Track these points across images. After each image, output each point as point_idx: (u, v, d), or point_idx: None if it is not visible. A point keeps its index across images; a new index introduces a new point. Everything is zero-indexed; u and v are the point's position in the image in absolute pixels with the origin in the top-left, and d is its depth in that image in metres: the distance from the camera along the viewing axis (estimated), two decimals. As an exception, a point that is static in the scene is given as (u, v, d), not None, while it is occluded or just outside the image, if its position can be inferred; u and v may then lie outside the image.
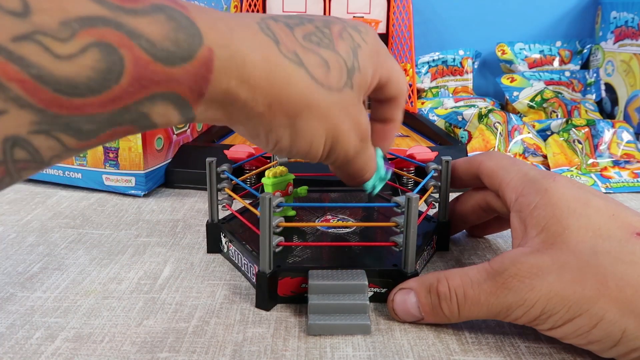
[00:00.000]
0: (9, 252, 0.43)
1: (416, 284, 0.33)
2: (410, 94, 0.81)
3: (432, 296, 0.32)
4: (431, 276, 0.33)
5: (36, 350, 0.30)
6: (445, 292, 0.31)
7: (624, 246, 0.28)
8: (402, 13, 0.81)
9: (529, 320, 0.29)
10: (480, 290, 0.30)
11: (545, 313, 0.28)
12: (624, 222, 0.29)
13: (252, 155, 0.52)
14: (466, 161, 0.40)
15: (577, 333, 0.28)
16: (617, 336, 0.27)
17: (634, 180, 0.60)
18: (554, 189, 0.31)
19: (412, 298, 0.33)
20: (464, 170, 0.40)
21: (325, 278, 0.33)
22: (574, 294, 0.27)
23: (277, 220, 0.33)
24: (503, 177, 0.36)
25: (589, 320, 0.27)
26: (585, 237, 0.29)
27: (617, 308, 0.27)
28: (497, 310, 0.30)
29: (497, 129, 0.65)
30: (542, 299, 0.28)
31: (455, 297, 0.31)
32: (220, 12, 0.25)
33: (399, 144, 0.67)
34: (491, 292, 0.30)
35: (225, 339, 0.32)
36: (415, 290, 0.33)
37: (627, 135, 0.65)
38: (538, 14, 0.96)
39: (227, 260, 0.42)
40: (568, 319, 0.28)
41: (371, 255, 0.38)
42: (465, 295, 0.31)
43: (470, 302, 0.31)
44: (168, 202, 0.55)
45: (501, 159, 0.37)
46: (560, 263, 0.28)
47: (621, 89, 0.82)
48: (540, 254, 0.29)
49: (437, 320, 0.33)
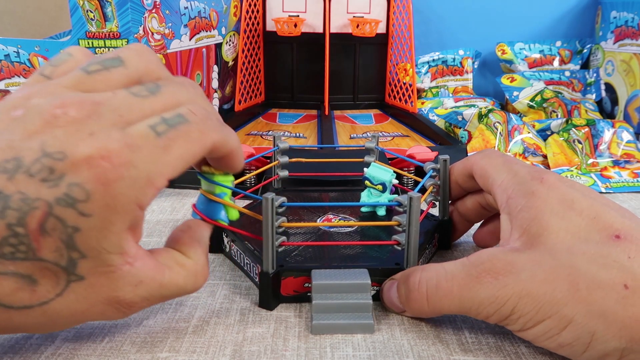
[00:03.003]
0: (9, 252, 0.43)
1: (399, 275, 0.34)
2: (411, 94, 0.81)
3: (404, 286, 0.33)
4: (410, 269, 0.33)
5: (36, 350, 0.30)
6: (415, 282, 0.32)
7: (600, 249, 0.28)
8: (402, 13, 0.81)
9: (500, 318, 0.29)
10: (454, 281, 0.30)
11: (515, 313, 0.28)
12: (606, 224, 0.29)
13: (252, 156, 0.52)
14: (461, 162, 0.41)
15: (547, 335, 0.28)
16: (587, 339, 0.27)
17: (634, 180, 0.60)
18: (540, 192, 0.31)
19: (394, 288, 0.34)
20: (459, 172, 0.40)
21: (329, 277, 0.33)
22: (544, 295, 0.27)
23: (280, 220, 0.33)
24: (495, 177, 0.35)
25: (558, 323, 0.27)
26: (564, 238, 0.29)
27: (586, 310, 0.27)
28: (469, 306, 0.30)
29: (497, 128, 0.65)
30: (513, 298, 0.28)
31: (425, 288, 0.31)
32: None
33: (399, 144, 0.67)
34: (464, 285, 0.30)
35: (225, 339, 0.32)
36: (397, 280, 0.34)
37: (627, 135, 0.65)
38: (538, 13, 0.96)
39: (227, 260, 0.42)
40: (538, 320, 0.28)
41: (373, 254, 0.38)
42: (437, 286, 0.31)
43: (442, 293, 0.30)
44: (168, 202, 0.55)
45: (494, 157, 0.37)
46: (535, 262, 0.28)
47: (621, 89, 0.82)
48: (517, 253, 0.29)
49: (412, 312, 0.33)
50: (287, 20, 0.80)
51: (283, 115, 0.83)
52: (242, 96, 0.82)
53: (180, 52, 0.61)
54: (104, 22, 0.51)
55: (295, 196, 0.49)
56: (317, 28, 0.84)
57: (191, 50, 0.64)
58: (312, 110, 0.86)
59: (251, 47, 0.83)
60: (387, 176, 0.42)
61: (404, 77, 0.82)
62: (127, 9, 0.51)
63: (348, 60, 0.86)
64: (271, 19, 0.84)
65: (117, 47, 0.52)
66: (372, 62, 0.87)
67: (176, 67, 0.60)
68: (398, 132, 0.73)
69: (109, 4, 0.51)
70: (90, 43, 0.52)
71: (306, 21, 0.83)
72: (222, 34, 0.74)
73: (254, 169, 0.52)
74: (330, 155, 0.59)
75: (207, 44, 0.69)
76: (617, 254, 0.27)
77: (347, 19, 0.83)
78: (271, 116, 0.82)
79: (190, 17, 0.63)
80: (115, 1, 0.50)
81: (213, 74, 0.72)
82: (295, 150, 0.58)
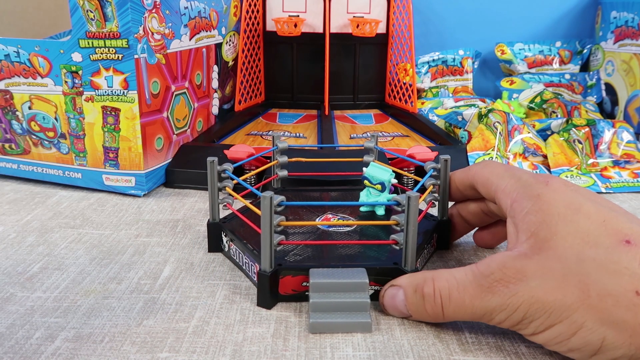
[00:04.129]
0: (9, 252, 0.43)
1: (405, 281, 0.34)
2: (411, 94, 0.81)
3: (417, 296, 0.32)
4: (420, 275, 0.33)
5: (36, 350, 0.30)
6: (430, 293, 0.32)
7: (609, 254, 0.28)
8: (402, 13, 0.81)
9: (512, 324, 0.29)
10: (465, 292, 0.30)
11: (527, 318, 0.29)
12: (614, 229, 0.29)
13: (252, 155, 0.52)
14: (462, 172, 0.41)
15: (557, 340, 0.28)
16: (597, 345, 0.27)
17: (634, 180, 0.60)
18: (546, 194, 0.31)
19: (401, 295, 0.33)
20: (460, 181, 0.41)
21: (326, 276, 0.33)
22: (555, 301, 0.28)
23: (278, 219, 0.33)
24: (498, 184, 0.35)
25: (569, 328, 0.27)
26: (573, 243, 0.29)
27: (596, 317, 0.27)
28: (481, 313, 0.30)
29: (497, 128, 0.65)
30: (524, 304, 0.28)
31: (439, 299, 0.31)
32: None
33: (399, 144, 0.67)
34: (476, 295, 0.30)
35: (225, 339, 0.32)
36: (403, 287, 0.33)
37: (627, 135, 0.65)
38: (538, 14, 0.96)
39: (226, 260, 0.42)
40: (548, 325, 0.28)
41: (372, 253, 0.38)
42: (450, 297, 0.31)
43: (454, 304, 0.31)
44: (168, 202, 0.55)
45: (495, 166, 0.37)
46: (545, 269, 0.28)
47: (621, 89, 0.82)
48: (526, 259, 0.29)
49: (422, 319, 0.33)
50: (287, 20, 0.80)
51: (283, 115, 0.83)
52: (242, 96, 0.82)
53: (180, 52, 0.61)
54: (104, 22, 0.51)
55: (295, 196, 0.49)
56: (317, 28, 0.84)
57: (191, 50, 0.64)
58: (312, 110, 0.86)
59: (251, 47, 0.83)
60: (386, 176, 0.42)
61: (404, 77, 0.82)
62: (127, 9, 0.51)
63: (348, 60, 0.86)
64: (271, 19, 0.84)
65: (117, 47, 0.52)
66: (372, 62, 0.87)
67: (176, 67, 0.60)
68: (398, 132, 0.73)
69: (109, 4, 0.51)
70: (90, 43, 0.52)
71: (306, 21, 0.83)
72: (222, 34, 0.74)
73: (254, 169, 0.52)
74: (330, 155, 0.59)
75: (207, 44, 0.69)
76: (628, 260, 0.27)
77: (347, 19, 0.83)
78: (271, 116, 0.82)
79: (190, 17, 0.63)
80: (115, 1, 0.50)
81: (213, 74, 0.72)
82: (295, 150, 0.58)
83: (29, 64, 0.55)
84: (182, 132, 0.64)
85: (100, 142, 0.55)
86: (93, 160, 0.56)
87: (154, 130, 0.57)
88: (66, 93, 0.55)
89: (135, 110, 0.53)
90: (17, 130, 0.58)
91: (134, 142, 0.54)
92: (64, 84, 0.54)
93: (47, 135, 0.57)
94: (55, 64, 0.54)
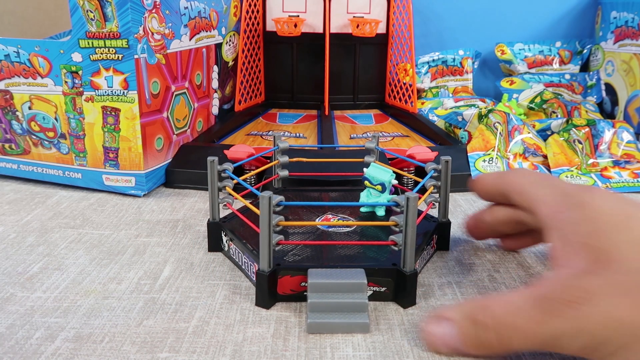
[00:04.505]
0: (9, 252, 0.43)
1: (455, 313, 0.30)
2: (411, 94, 0.81)
3: (476, 328, 0.29)
4: (470, 305, 0.30)
5: (36, 351, 0.30)
6: (488, 323, 0.28)
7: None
8: (402, 13, 0.81)
9: (579, 348, 0.26)
10: (529, 318, 0.27)
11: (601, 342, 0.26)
12: None
13: (252, 155, 0.52)
14: (494, 177, 0.39)
15: None
16: None
17: (634, 180, 0.60)
18: (591, 202, 0.29)
19: (451, 329, 0.30)
20: (492, 185, 0.39)
21: (325, 276, 0.33)
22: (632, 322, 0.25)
23: (277, 219, 0.33)
24: (535, 193, 0.34)
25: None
26: (635, 253, 0.27)
27: None
28: (545, 340, 0.27)
29: (497, 129, 0.65)
30: (598, 327, 0.26)
31: (503, 328, 0.28)
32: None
33: (399, 144, 0.67)
34: (541, 321, 0.27)
35: (225, 339, 0.32)
36: (454, 320, 0.30)
37: (627, 135, 0.65)
38: (538, 14, 0.96)
39: (226, 260, 0.42)
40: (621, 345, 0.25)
41: (371, 254, 0.38)
42: (515, 326, 0.28)
43: (520, 333, 0.27)
44: (168, 202, 0.55)
45: (531, 174, 0.36)
46: (613, 286, 0.26)
47: (621, 89, 0.82)
48: (590, 276, 0.27)
49: (480, 353, 0.29)
50: (287, 21, 0.80)
51: (283, 115, 0.83)
52: (242, 96, 0.82)
53: (180, 52, 0.61)
54: (104, 22, 0.51)
55: (295, 196, 0.49)
56: (317, 28, 0.84)
57: (191, 50, 0.64)
58: (312, 110, 0.86)
59: (251, 47, 0.83)
60: (386, 176, 0.42)
61: (404, 77, 0.82)
62: (127, 9, 0.51)
63: (348, 60, 0.86)
64: (271, 19, 0.84)
65: (117, 47, 0.52)
66: (372, 62, 0.87)
67: (176, 67, 0.60)
68: (398, 132, 0.73)
69: (109, 4, 0.51)
70: (90, 43, 0.52)
71: (306, 21, 0.83)
72: (222, 34, 0.74)
73: (254, 169, 0.52)
74: (330, 155, 0.59)
75: (207, 44, 0.69)
76: None
77: (347, 19, 0.83)
78: (271, 116, 0.82)
79: (190, 17, 0.63)
80: (115, 1, 0.50)
81: (213, 74, 0.72)
82: (295, 150, 0.58)
83: (29, 64, 0.55)
84: (182, 132, 0.64)
85: (100, 142, 0.55)
86: (93, 161, 0.56)
87: (154, 131, 0.57)
88: (66, 93, 0.55)
89: (135, 111, 0.53)
90: (17, 131, 0.58)
91: (134, 142, 0.54)
92: (64, 84, 0.54)
93: (47, 135, 0.57)
94: (55, 64, 0.54)
